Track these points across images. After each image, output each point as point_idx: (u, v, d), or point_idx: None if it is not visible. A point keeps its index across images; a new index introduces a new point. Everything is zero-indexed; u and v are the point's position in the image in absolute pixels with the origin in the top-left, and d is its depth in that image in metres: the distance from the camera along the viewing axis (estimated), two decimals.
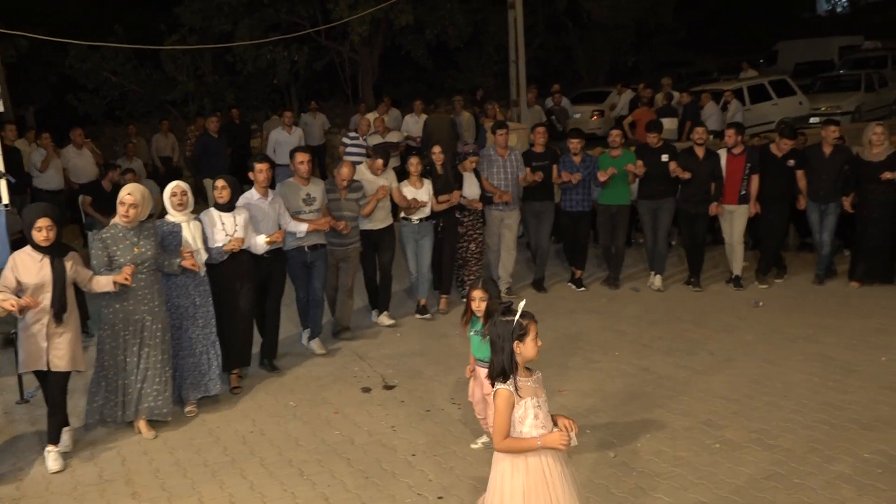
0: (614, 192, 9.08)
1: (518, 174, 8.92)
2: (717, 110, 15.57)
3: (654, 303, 8.88)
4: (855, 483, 4.82)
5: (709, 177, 8.87)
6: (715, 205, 8.90)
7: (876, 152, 8.63)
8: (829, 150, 8.90)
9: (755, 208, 8.95)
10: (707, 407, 6.02)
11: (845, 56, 27.79)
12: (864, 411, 5.81)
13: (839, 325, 7.73)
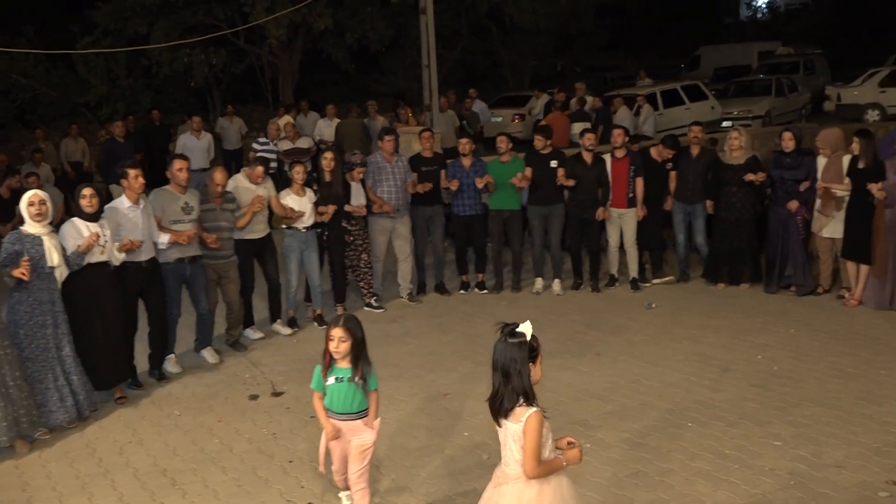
0: (503, 198, 9.21)
1: (407, 180, 9.02)
2: (629, 115, 15.87)
3: (552, 306, 9.04)
4: (712, 479, 5.00)
5: (597, 182, 9.08)
6: (602, 209, 9.11)
7: (735, 156, 8.97)
8: (696, 150, 9.23)
9: (643, 211, 9.19)
10: (584, 407, 6.17)
11: (763, 61, 28.58)
12: (732, 409, 6.02)
13: (723, 325, 7.98)
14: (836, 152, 8.38)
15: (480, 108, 17.03)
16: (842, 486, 4.84)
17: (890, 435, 5.48)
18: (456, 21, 24.48)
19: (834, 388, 6.31)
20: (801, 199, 8.54)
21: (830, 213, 8.29)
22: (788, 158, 8.67)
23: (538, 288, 9.48)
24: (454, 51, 25.19)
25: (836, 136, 8.50)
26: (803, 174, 8.53)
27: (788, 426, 5.68)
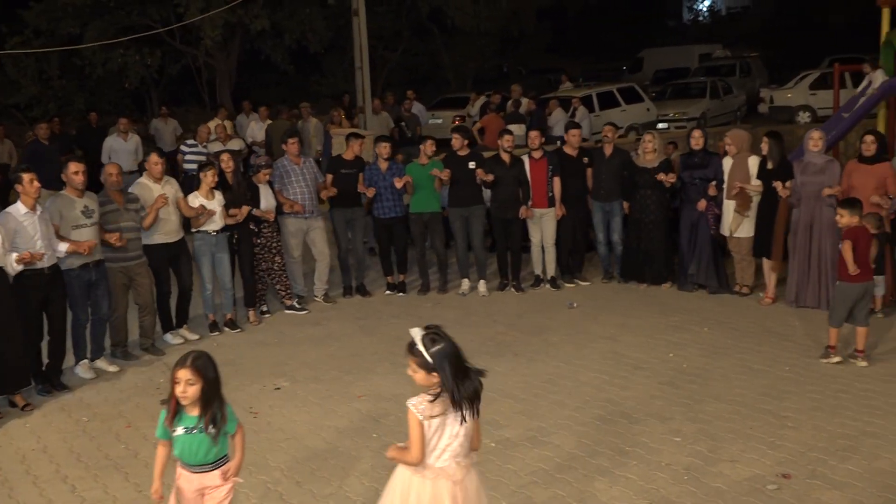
0: (423, 200, 9.28)
1: (317, 181, 9.04)
2: (564, 116, 16.02)
3: (476, 307, 9.11)
4: (609, 475, 5.10)
5: (516, 182, 9.19)
6: (524, 208, 9.22)
7: (649, 159, 9.17)
8: (610, 150, 9.41)
9: (561, 210, 9.33)
10: (495, 407, 6.22)
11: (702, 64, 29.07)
12: (638, 406, 6.13)
13: (640, 324, 8.12)
14: (742, 153, 8.61)
15: (418, 110, 17.10)
16: (733, 480, 4.97)
17: (786, 429, 5.64)
18: (397, 23, 24.50)
19: (739, 385, 6.47)
20: (710, 197, 8.78)
21: (746, 212, 8.50)
22: (696, 158, 8.90)
23: (464, 289, 9.54)
24: (395, 52, 25.21)
25: (744, 137, 8.73)
26: (711, 174, 8.75)
27: (690, 422, 5.81)
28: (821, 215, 8.12)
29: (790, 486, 4.87)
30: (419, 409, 3.49)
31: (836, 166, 8.22)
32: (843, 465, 5.10)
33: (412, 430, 3.50)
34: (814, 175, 8.10)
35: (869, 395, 6.17)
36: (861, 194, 7.59)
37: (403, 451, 3.60)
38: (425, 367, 3.46)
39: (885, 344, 7.29)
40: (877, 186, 7.88)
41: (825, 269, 8.17)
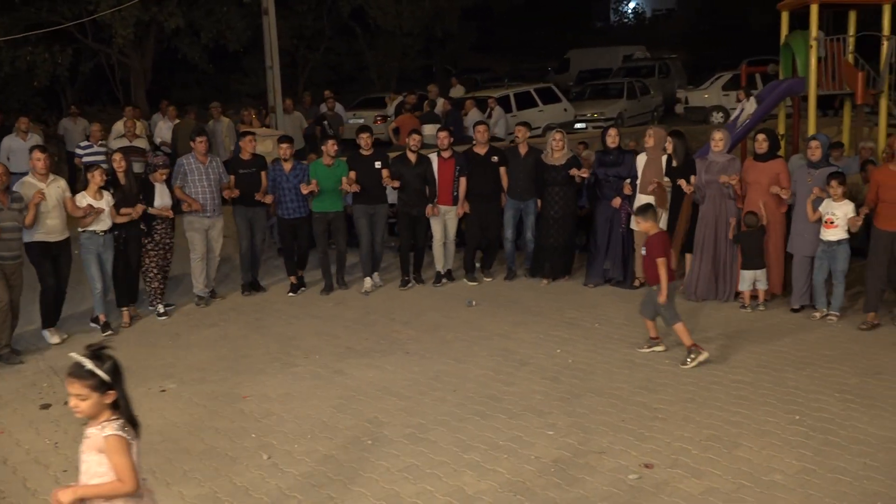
0: (327, 200, 9.34)
1: (221, 182, 9.01)
2: (480, 117, 16.14)
3: (376, 305, 9.14)
4: (479, 469, 5.18)
5: (423, 180, 9.29)
6: (430, 206, 9.37)
7: (557, 157, 9.35)
8: (524, 149, 9.57)
9: (462, 208, 9.49)
10: (378, 405, 6.27)
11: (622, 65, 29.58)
12: (519, 401, 6.24)
13: (535, 321, 8.25)
14: (657, 150, 8.86)
15: (338, 110, 17.07)
16: (598, 471, 5.10)
17: (657, 421, 5.80)
18: (318, 22, 24.38)
19: (619, 379, 6.63)
20: (624, 195, 9.03)
21: (665, 206, 8.75)
22: (611, 156, 9.11)
23: (367, 287, 9.58)
24: (317, 52, 25.08)
25: (662, 135, 8.97)
26: (625, 172, 8.97)
27: (566, 416, 5.94)
28: (724, 212, 8.46)
29: (651, 476, 5.02)
30: (125, 430, 3.22)
31: (738, 164, 8.56)
32: (705, 454, 5.27)
33: (121, 457, 3.19)
34: (716, 173, 8.41)
35: (740, 386, 6.38)
36: (755, 190, 8.09)
37: (112, 486, 3.21)
38: (100, 387, 3.18)
39: (762, 337, 7.54)
40: (770, 183, 8.19)
41: (726, 263, 8.53)
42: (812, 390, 6.23)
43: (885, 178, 7.67)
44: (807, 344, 7.30)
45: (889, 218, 7.59)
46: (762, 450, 5.30)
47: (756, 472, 5.02)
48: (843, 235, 7.70)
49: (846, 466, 5.03)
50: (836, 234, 7.72)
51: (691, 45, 39.83)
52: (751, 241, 8.17)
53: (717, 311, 8.35)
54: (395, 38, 25.66)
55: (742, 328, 7.81)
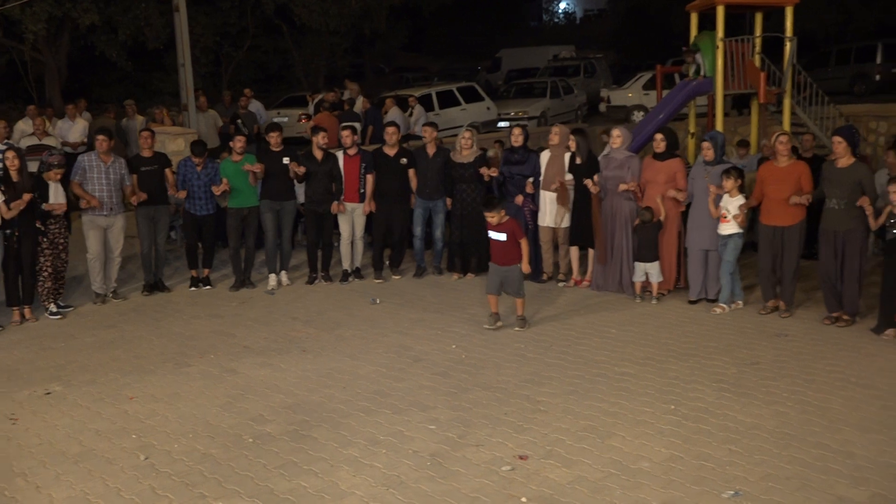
0: (241, 196, 9.36)
1: (124, 182, 8.91)
2: (400, 115, 16.18)
3: (280, 304, 9.12)
4: (357, 464, 5.20)
5: (329, 177, 9.33)
6: (336, 203, 9.41)
7: (465, 155, 9.48)
8: (433, 149, 9.66)
9: (369, 206, 9.55)
10: (265, 403, 6.25)
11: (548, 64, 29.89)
12: (406, 396, 6.30)
13: (435, 318, 8.32)
14: (560, 147, 9.00)
15: (257, 108, 16.91)
16: (473, 463, 5.17)
17: (538, 413, 5.91)
18: (243, 20, 24.13)
19: (508, 373, 6.73)
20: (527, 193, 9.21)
21: (566, 204, 8.89)
22: (517, 155, 9.24)
23: (272, 285, 9.56)
24: (241, 50, 24.83)
25: (566, 133, 9.14)
26: (529, 170, 9.11)
27: (450, 410, 6.01)
28: (620, 207, 8.67)
29: (524, 467, 5.11)
30: None
31: (636, 161, 8.74)
32: (579, 444, 5.39)
33: None
34: (615, 170, 8.64)
35: (623, 378, 6.54)
36: (653, 188, 8.43)
37: None
38: None
39: (652, 330, 7.73)
40: (667, 181, 8.40)
41: (625, 256, 8.74)
42: (691, 380, 6.42)
43: (767, 174, 7.94)
44: (694, 336, 7.51)
45: (770, 213, 7.85)
46: (635, 439, 5.44)
47: (625, 460, 5.15)
48: (736, 230, 7.95)
49: (712, 453, 5.20)
50: (728, 229, 7.97)
51: (621, 45, 40.56)
52: (645, 234, 8.38)
53: (612, 304, 8.53)
54: (322, 37, 25.52)
55: (634, 321, 8.00)
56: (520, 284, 7.71)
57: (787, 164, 7.86)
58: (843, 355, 6.84)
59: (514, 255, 7.57)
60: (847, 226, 7.45)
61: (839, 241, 7.52)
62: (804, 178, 7.77)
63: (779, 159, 7.92)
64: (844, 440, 5.32)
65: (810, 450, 5.20)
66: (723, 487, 4.77)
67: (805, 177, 7.79)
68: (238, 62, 25.30)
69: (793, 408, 5.85)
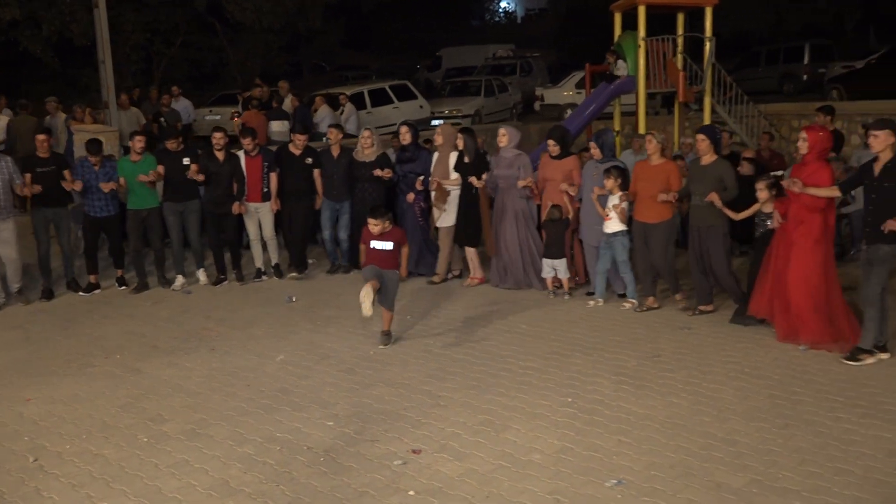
0: (141, 197, 9.21)
1: (14, 181, 8.72)
2: (330, 113, 16.13)
3: (195, 303, 9.05)
4: (249, 462, 5.19)
5: (230, 177, 9.27)
6: (237, 204, 9.31)
7: (367, 154, 9.51)
8: (337, 150, 9.66)
9: (276, 205, 9.50)
10: (165, 403, 6.20)
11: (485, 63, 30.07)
12: (308, 394, 6.29)
13: (348, 315, 8.27)
14: (446, 147, 9.05)
15: (184, 107, 16.73)
16: (366, 459, 5.19)
17: (437, 408, 5.94)
18: (174, 16, 23.80)
19: (413, 369, 6.77)
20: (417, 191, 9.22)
21: (444, 205, 8.93)
22: (408, 153, 9.28)
23: (177, 285, 9.47)
24: (173, 47, 24.51)
25: (450, 132, 9.19)
26: (420, 168, 9.16)
27: (350, 406, 6.03)
28: (514, 204, 8.74)
29: (417, 461, 5.15)
30: None
31: (525, 159, 8.82)
32: (474, 438, 5.45)
33: None
34: (506, 168, 8.69)
35: (526, 372, 6.62)
36: (551, 186, 8.59)
37: None
38: None
39: (560, 324, 7.84)
40: (563, 179, 8.52)
41: (523, 253, 8.82)
42: (592, 374, 6.53)
43: (640, 171, 8.10)
44: (601, 331, 7.63)
45: (641, 210, 7.99)
46: (529, 432, 5.52)
47: (517, 452, 5.22)
48: (620, 227, 8.09)
49: (602, 444, 5.30)
50: (612, 227, 8.12)
51: (561, 44, 40.92)
52: (553, 230, 8.49)
53: (522, 300, 8.63)
54: (257, 34, 25.28)
55: (545, 317, 8.10)
56: (394, 294, 7.34)
57: (657, 162, 7.99)
58: (740, 347, 7.01)
59: (393, 262, 7.28)
60: (709, 222, 7.60)
61: (703, 237, 7.68)
62: (672, 177, 7.87)
63: (650, 158, 8.05)
64: (731, 429, 5.46)
65: (697, 439, 5.33)
66: (608, 477, 4.87)
67: (673, 176, 7.89)
68: (170, 60, 24.93)
69: (686, 399, 5.99)
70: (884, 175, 6.30)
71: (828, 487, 4.67)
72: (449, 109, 21.04)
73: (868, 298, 6.47)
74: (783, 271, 6.91)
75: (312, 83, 27.80)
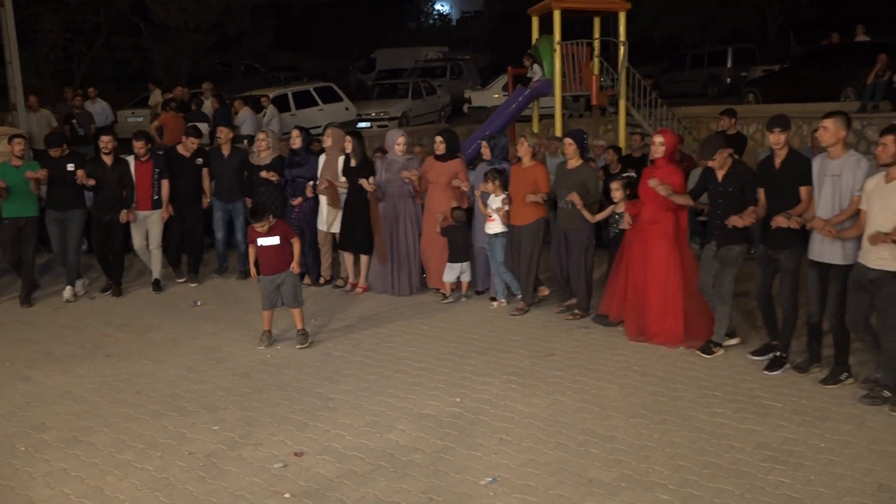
0: (16, 204, 8.82)
1: None
2: (251, 115, 15.97)
3: (101, 308, 8.92)
4: (127, 468, 5.14)
5: (119, 184, 9.04)
6: (125, 212, 9.05)
7: (263, 157, 9.49)
8: (227, 150, 9.63)
9: (167, 212, 9.35)
10: (51, 410, 6.08)
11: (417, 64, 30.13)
12: (198, 399, 6.25)
13: (250, 318, 8.25)
14: (335, 150, 9.07)
15: (101, 108, 16.43)
16: (247, 463, 5.19)
17: (326, 410, 5.97)
18: (96, 16, 23.37)
19: (308, 372, 6.78)
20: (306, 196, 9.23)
21: (337, 205, 8.96)
22: (297, 157, 9.28)
23: (67, 297, 9.19)
24: (93, 47, 24.05)
25: (340, 135, 9.21)
26: (308, 172, 9.16)
27: (239, 410, 6.01)
28: (405, 209, 8.79)
29: (297, 463, 5.17)
30: None
31: (416, 162, 8.91)
32: (358, 439, 5.48)
33: None
34: (397, 173, 8.73)
35: (420, 373, 6.68)
36: (436, 188, 8.60)
37: None
38: None
39: (460, 326, 7.93)
40: (449, 181, 8.62)
41: (410, 258, 8.88)
42: (485, 374, 6.62)
43: (514, 174, 8.25)
44: (499, 331, 7.74)
45: (514, 213, 8.11)
46: (413, 432, 5.58)
47: (399, 453, 5.28)
48: (501, 228, 8.21)
49: (483, 442, 5.39)
50: (494, 228, 8.24)
51: (495, 47, 41.20)
52: (456, 234, 8.57)
53: (425, 304, 8.70)
54: (184, 34, 24.93)
55: (445, 319, 8.18)
56: (296, 291, 7.34)
57: (528, 165, 8.12)
58: (629, 345, 7.18)
59: (285, 260, 7.28)
60: (573, 224, 7.77)
61: (567, 239, 7.85)
62: (540, 180, 8.03)
63: (522, 160, 8.16)
64: (611, 426, 5.60)
65: (576, 436, 5.45)
66: (484, 475, 4.95)
67: (541, 179, 8.02)
68: (93, 60, 24.44)
69: (571, 396, 6.11)
70: (726, 180, 6.60)
71: (694, 480, 4.82)
72: (376, 112, 21.02)
73: (722, 296, 6.76)
74: (640, 272, 7.11)
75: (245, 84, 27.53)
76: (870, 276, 5.66)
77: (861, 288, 5.74)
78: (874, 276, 5.63)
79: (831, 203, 5.95)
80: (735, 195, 6.52)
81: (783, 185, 6.24)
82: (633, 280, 7.17)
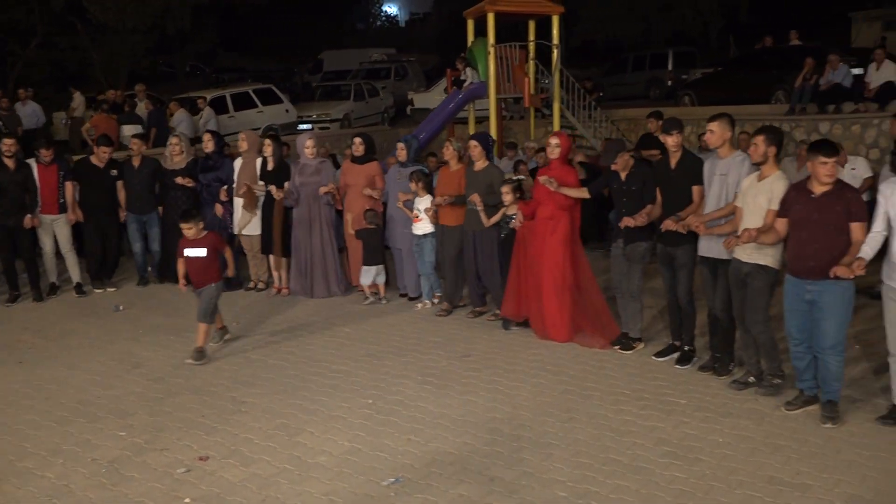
0: None
1: None
2: (186, 117, 15.85)
3: (19, 314, 8.81)
4: (26, 476, 5.08)
5: (21, 188, 8.88)
6: (30, 217, 8.88)
7: (177, 161, 9.44)
8: (138, 161, 9.52)
9: (74, 216, 9.23)
10: None
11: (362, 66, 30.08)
12: (108, 404, 6.18)
13: (177, 322, 8.21)
14: (251, 153, 9.05)
15: (32, 110, 16.15)
16: (151, 468, 5.15)
17: (237, 414, 5.95)
18: (31, 16, 22.91)
19: (224, 375, 6.75)
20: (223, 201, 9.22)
21: (253, 209, 8.94)
22: (210, 161, 9.24)
23: None
24: (28, 48, 23.58)
25: (254, 138, 9.24)
26: (223, 176, 9.13)
27: (148, 416, 5.96)
28: (319, 213, 8.80)
29: (202, 468, 5.14)
30: None
31: (329, 166, 8.96)
32: (266, 442, 5.48)
33: None
34: (310, 176, 8.75)
35: (337, 375, 6.68)
36: (353, 191, 8.65)
37: None
38: None
39: (378, 328, 7.95)
40: (366, 184, 8.66)
41: (326, 260, 8.90)
42: (400, 375, 6.65)
43: (441, 176, 8.32)
44: (420, 332, 7.78)
45: (445, 214, 8.16)
46: (322, 434, 5.59)
47: (305, 455, 5.28)
48: (430, 229, 8.28)
49: (391, 444, 5.41)
50: (422, 229, 8.30)
51: (445, 49, 41.31)
52: (372, 238, 8.57)
53: (344, 306, 8.71)
54: (123, 35, 24.53)
55: (367, 321, 8.19)
56: (207, 307, 7.10)
57: (455, 168, 8.19)
58: (546, 345, 7.26)
59: (213, 274, 7.14)
60: (479, 226, 7.84)
61: (476, 241, 7.92)
62: (462, 183, 8.03)
63: (449, 163, 8.25)
64: (518, 424, 5.67)
65: (484, 435, 5.51)
66: (388, 475, 4.98)
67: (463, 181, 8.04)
68: (28, 61, 23.95)
69: (483, 396, 6.17)
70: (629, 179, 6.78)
71: (593, 477, 4.91)
72: (317, 113, 20.92)
73: (632, 293, 6.92)
74: (537, 271, 7.22)
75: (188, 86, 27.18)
76: (744, 269, 5.87)
77: (741, 283, 5.94)
78: (748, 270, 5.83)
79: (717, 201, 6.14)
80: (638, 194, 6.67)
81: (678, 184, 6.39)
82: (532, 278, 7.27)
